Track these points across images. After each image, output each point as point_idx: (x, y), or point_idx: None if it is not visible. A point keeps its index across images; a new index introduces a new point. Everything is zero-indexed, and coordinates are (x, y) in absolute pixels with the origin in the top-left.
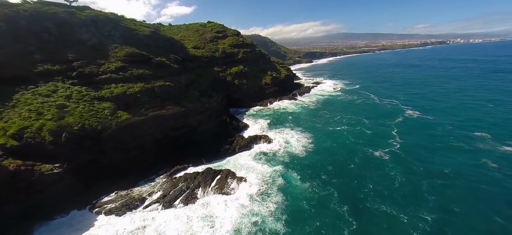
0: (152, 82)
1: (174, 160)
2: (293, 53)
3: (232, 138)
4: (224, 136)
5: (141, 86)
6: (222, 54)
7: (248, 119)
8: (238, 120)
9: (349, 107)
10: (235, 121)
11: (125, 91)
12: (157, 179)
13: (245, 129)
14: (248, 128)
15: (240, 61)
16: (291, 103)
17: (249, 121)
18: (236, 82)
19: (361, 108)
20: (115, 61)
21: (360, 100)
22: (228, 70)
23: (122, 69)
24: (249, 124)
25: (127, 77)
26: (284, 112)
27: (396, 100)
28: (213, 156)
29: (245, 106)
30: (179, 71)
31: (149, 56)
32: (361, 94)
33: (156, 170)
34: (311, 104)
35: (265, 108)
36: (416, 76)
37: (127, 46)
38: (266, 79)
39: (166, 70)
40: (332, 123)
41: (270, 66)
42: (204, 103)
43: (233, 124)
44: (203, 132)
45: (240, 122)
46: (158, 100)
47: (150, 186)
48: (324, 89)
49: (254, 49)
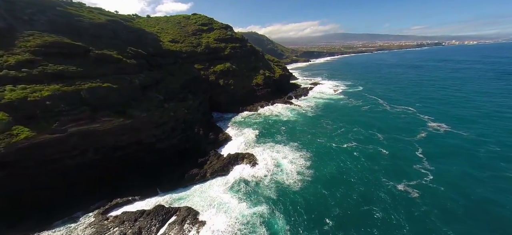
0: (78, 83)
1: (115, 191)
2: (291, 52)
3: (205, 157)
4: (194, 155)
5: (56, 89)
6: (205, 49)
7: (233, 128)
8: (219, 130)
9: (355, 115)
10: (213, 133)
11: (26, 96)
12: (83, 218)
13: (225, 143)
14: (230, 142)
15: (227, 58)
16: (286, 108)
17: (232, 131)
18: (221, 82)
19: (370, 117)
20: (21, 53)
21: (367, 106)
22: (212, 68)
23: (29, 63)
24: (232, 135)
25: (35, 75)
26: (276, 120)
27: (410, 107)
28: (174, 184)
29: (231, 110)
30: (138, 68)
31: (86, 48)
32: (367, 98)
33: (86, 204)
34: (309, 109)
35: (255, 113)
36: (423, 77)
37: (53, 34)
38: (257, 79)
39: (111, 67)
40: (336, 137)
41: (263, 64)
42: (168, 111)
43: (210, 137)
44: (162, 150)
45: (221, 133)
46: (86, 109)
47: (67, 229)
48: (324, 91)
49: (245, 44)
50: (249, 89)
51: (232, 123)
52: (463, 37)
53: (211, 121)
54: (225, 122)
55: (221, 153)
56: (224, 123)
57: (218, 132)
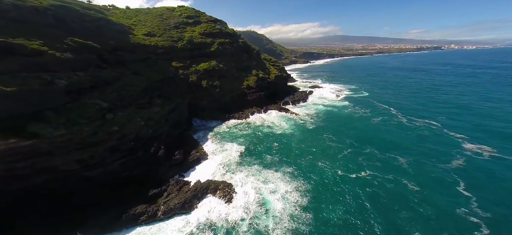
0: None
1: None
2: (290, 52)
3: (161, 187)
4: (146, 182)
5: None
6: (187, 44)
7: (213, 141)
8: (195, 144)
9: (365, 130)
10: (181, 151)
11: None
12: None
13: (198, 163)
14: (204, 163)
15: (213, 55)
16: (281, 116)
17: (211, 146)
18: (204, 84)
19: (383, 133)
20: None
21: (378, 118)
22: (194, 67)
23: None
24: (210, 152)
25: None
26: (268, 133)
27: (433, 120)
28: (103, 228)
29: (216, 117)
30: (79, 65)
31: None
32: (376, 107)
33: None
34: (308, 119)
35: (244, 122)
36: (435, 82)
37: None
38: (249, 81)
39: (19, 62)
40: (342, 160)
41: (257, 63)
42: (109, 124)
43: (175, 157)
44: (93, 180)
45: (195, 150)
46: None
47: None
48: (325, 96)
49: (237, 40)
50: (239, 93)
51: (214, 135)
52: (462, 41)
53: (185, 133)
54: (205, 132)
55: (188, 179)
56: (204, 134)
57: (191, 148)
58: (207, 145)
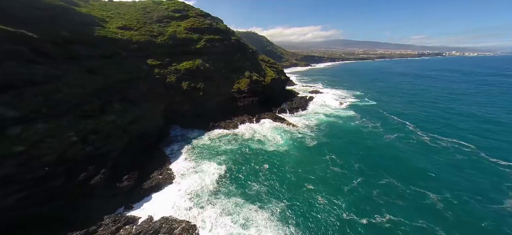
0: None
1: None
2: (291, 55)
3: (88, 228)
4: (61, 222)
5: None
6: (168, 40)
7: (187, 157)
8: (162, 162)
9: (379, 151)
10: (134, 174)
11: None
12: None
13: (157, 190)
14: (166, 189)
15: (199, 53)
16: (276, 127)
17: (183, 165)
18: (185, 86)
19: (404, 157)
20: None
21: (392, 135)
22: (174, 65)
23: None
24: (178, 174)
25: None
26: (258, 149)
27: (464, 140)
28: None
29: (198, 126)
30: None
31: None
32: (388, 119)
33: None
34: (308, 133)
35: (231, 133)
36: (449, 90)
37: None
38: (240, 84)
39: None
40: (351, 195)
41: (252, 64)
42: (8, 142)
43: (121, 184)
44: None
45: (159, 171)
46: None
47: None
48: (327, 103)
49: (229, 37)
50: (227, 97)
51: (191, 149)
52: (462, 48)
53: (155, 146)
54: (181, 145)
55: (137, 214)
56: (180, 147)
57: (154, 168)
58: (177, 163)
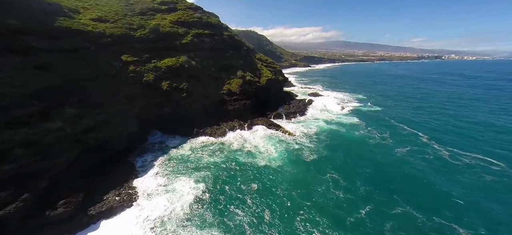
0: None
1: None
2: (290, 55)
3: None
4: None
5: None
6: (149, 33)
7: (159, 173)
8: (126, 177)
9: (390, 170)
10: (75, 197)
11: None
12: None
13: (108, 216)
14: (122, 214)
15: (185, 49)
16: (269, 136)
17: (151, 183)
18: (165, 86)
19: (421, 176)
20: None
21: (405, 148)
22: (153, 62)
23: None
24: (143, 194)
25: None
26: (247, 164)
27: (490, 157)
28: None
29: (181, 132)
30: None
31: None
32: (397, 128)
33: None
34: (306, 143)
35: (217, 142)
36: (459, 95)
37: None
38: (231, 85)
39: None
40: (358, 231)
41: (246, 62)
42: None
43: (57, 210)
44: None
45: (117, 190)
46: None
47: None
48: (328, 108)
49: (221, 32)
50: (215, 100)
51: (166, 160)
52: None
53: (122, 157)
54: (157, 155)
55: None
56: (154, 158)
57: (112, 186)
58: (146, 179)
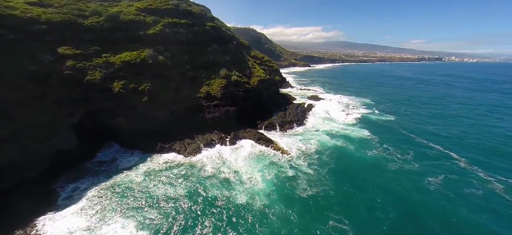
0: None
1: None
2: (290, 54)
3: None
4: None
5: None
6: (104, 21)
7: (82, 209)
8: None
9: (423, 210)
10: None
11: None
12: None
13: None
14: None
15: (152, 41)
16: (257, 156)
17: (66, 225)
18: (117, 87)
19: (472, 227)
20: None
21: (438, 177)
22: (104, 57)
23: None
24: None
25: None
26: (220, 199)
27: None
28: None
29: (142, 147)
30: None
31: None
32: (420, 145)
33: None
34: (303, 166)
35: (184, 164)
36: (481, 101)
37: None
38: (211, 86)
39: None
40: None
41: (234, 59)
42: None
43: None
44: None
45: None
46: None
47: None
48: (330, 115)
49: (203, 22)
50: (190, 105)
51: (105, 189)
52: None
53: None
54: (97, 179)
55: None
56: (91, 183)
57: None
58: (63, 218)
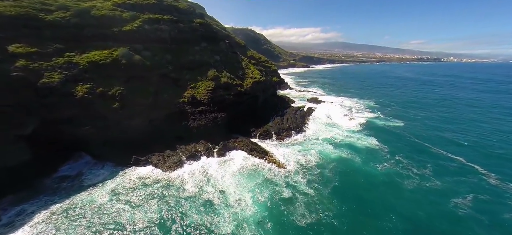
0: None
1: None
2: (289, 55)
3: None
4: None
5: None
6: (71, 17)
7: None
8: None
9: None
10: None
11: None
12: None
13: None
14: None
15: (129, 39)
16: (249, 170)
17: None
18: (81, 91)
19: None
20: None
21: (466, 197)
22: (66, 56)
23: None
24: None
25: None
26: (198, 229)
27: None
28: None
29: (115, 159)
30: None
31: None
32: (437, 156)
33: None
34: (302, 183)
35: (161, 179)
36: (492, 102)
37: None
38: (196, 90)
39: None
40: None
41: (226, 59)
42: None
43: None
44: None
45: None
46: None
47: None
48: (332, 119)
49: (190, 19)
50: (172, 112)
51: (58, 213)
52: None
53: None
54: (52, 200)
55: None
56: (43, 205)
57: None
58: None
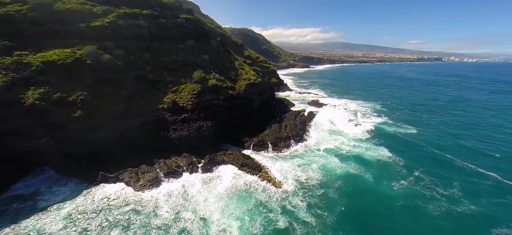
0: None
1: None
2: (288, 55)
3: None
4: None
5: None
6: (28, 11)
7: None
8: None
9: None
10: None
11: None
12: None
13: None
14: None
15: (99, 36)
16: (240, 190)
17: None
18: (31, 97)
19: None
20: None
21: (510, 227)
22: (15, 56)
23: None
24: None
25: None
26: None
27: None
28: None
29: (82, 174)
30: None
31: None
32: (463, 171)
33: None
34: (302, 209)
35: (131, 200)
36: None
37: None
38: (179, 94)
39: None
40: None
41: (216, 58)
42: None
43: None
44: None
45: None
46: None
47: None
48: (336, 126)
49: (176, 14)
50: (149, 121)
51: None
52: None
53: None
54: None
55: None
56: None
57: None
58: None
